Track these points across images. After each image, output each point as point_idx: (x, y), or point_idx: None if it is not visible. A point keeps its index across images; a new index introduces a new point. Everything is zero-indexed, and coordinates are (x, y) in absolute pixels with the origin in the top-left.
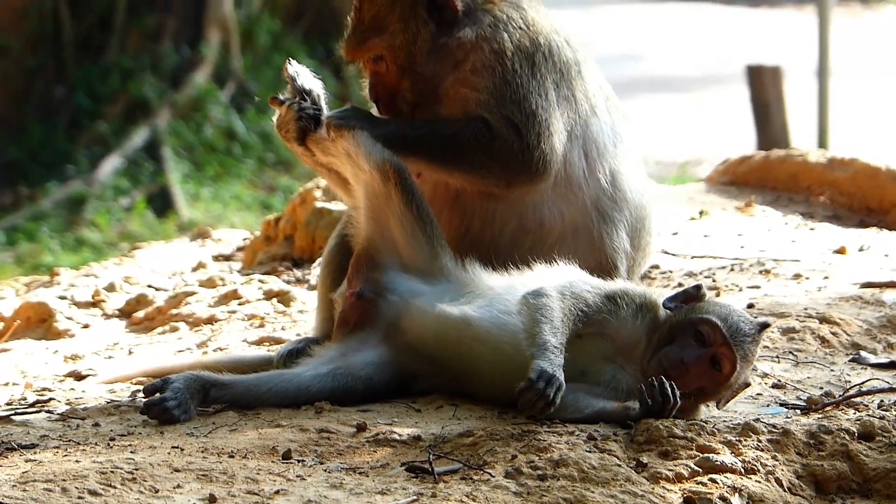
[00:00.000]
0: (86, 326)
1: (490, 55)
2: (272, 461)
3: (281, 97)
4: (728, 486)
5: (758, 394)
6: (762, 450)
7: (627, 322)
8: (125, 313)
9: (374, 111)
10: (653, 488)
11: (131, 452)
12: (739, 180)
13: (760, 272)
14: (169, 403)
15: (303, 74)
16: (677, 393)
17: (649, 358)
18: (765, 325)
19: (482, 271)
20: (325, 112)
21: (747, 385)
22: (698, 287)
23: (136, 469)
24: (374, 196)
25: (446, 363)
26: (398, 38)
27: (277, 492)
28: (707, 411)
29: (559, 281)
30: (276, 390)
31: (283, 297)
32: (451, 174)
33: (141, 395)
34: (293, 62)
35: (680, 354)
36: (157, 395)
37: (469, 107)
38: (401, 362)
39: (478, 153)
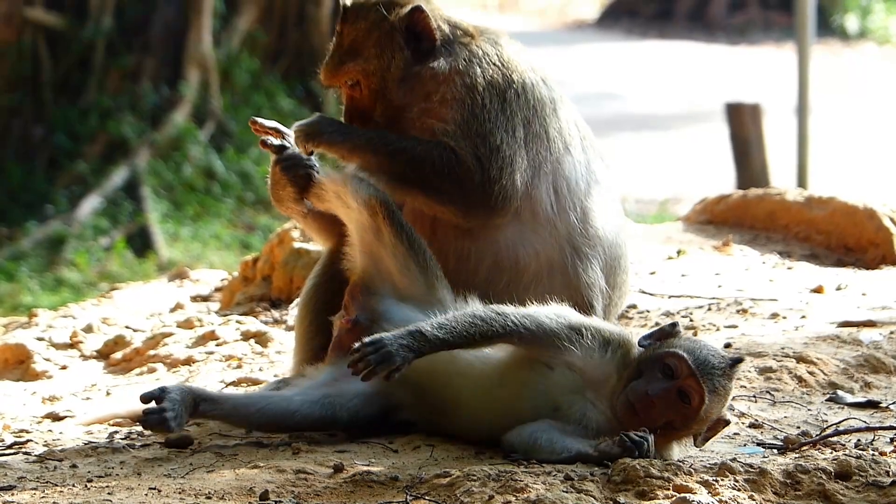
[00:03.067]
0: (64, 368)
1: (461, 88)
2: (249, 502)
3: (276, 142)
4: None
5: (735, 433)
6: (739, 489)
7: (594, 354)
8: (103, 354)
9: None
10: None
11: (108, 494)
12: (717, 219)
13: (738, 311)
14: (167, 414)
15: (280, 127)
16: (649, 439)
17: (618, 394)
18: (737, 361)
19: (479, 304)
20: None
21: (726, 423)
22: (674, 325)
23: None
24: (364, 231)
25: (431, 395)
26: (373, 64)
27: None
28: (682, 451)
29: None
30: (264, 412)
31: (261, 338)
32: (412, 193)
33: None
34: (259, 119)
35: (645, 388)
36: (155, 403)
37: (435, 137)
38: (387, 392)
39: (441, 177)
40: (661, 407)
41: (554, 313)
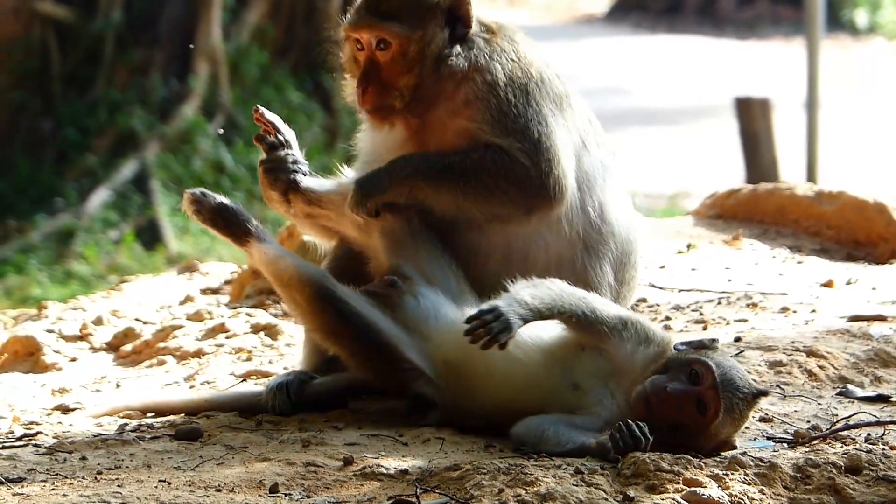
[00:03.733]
0: (73, 360)
1: (483, 86)
2: (259, 495)
3: (270, 138)
4: None
5: (745, 427)
6: (749, 483)
7: (630, 346)
8: (113, 347)
9: (349, 92)
10: None
11: (118, 486)
12: (727, 213)
13: (748, 305)
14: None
15: (279, 123)
16: (647, 433)
17: (639, 383)
18: (762, 393)
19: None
20: (304, 165)
21: (732, 448)
22: (714, 340)
23: (124, 502)
24: (395, 236)
25: (457, 364)
26: (416, 32)
27: None
28: None
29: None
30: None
31: (271, 331)
32: (472, 204)
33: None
34: (263, 109)
35: (666, 384)
36: None
37: (467, 138)
38: (419, 347)
39: (499, 179)
40: (675, 407)
41: (604, 302)
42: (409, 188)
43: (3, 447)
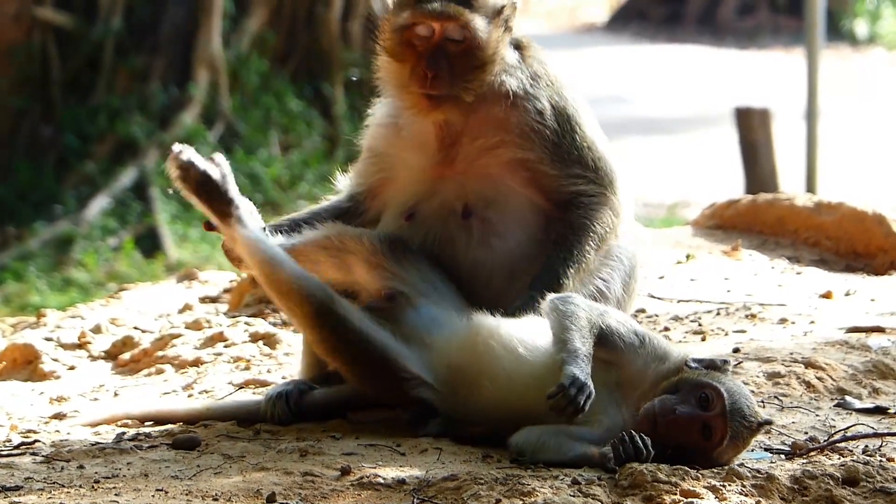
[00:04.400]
0: (72, 368)
1: (535, 116)
2: None
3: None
4: None
5: None
6: (746, 495)
7: (639, 361)
8: (111, 355)
9: (390, 72)
10: None
11: (116, 495)
12: (726, 224)
13: (746, 316)
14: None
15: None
16: (649, 445)
17: (649, 399)
18: (767, 423)
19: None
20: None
21: None
22: (725, 362)
23: None
24: (380, 264)
25: (461, 371)
26: (492, 31)
27: None
28: None
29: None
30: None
31: (269, 340)
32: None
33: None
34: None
35: (675, 405)
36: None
37: (523, 169)
38: (421, 358)
39: (605, 225)
40: (681, 430)
41: (623, 317)
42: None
43: (1, 455)
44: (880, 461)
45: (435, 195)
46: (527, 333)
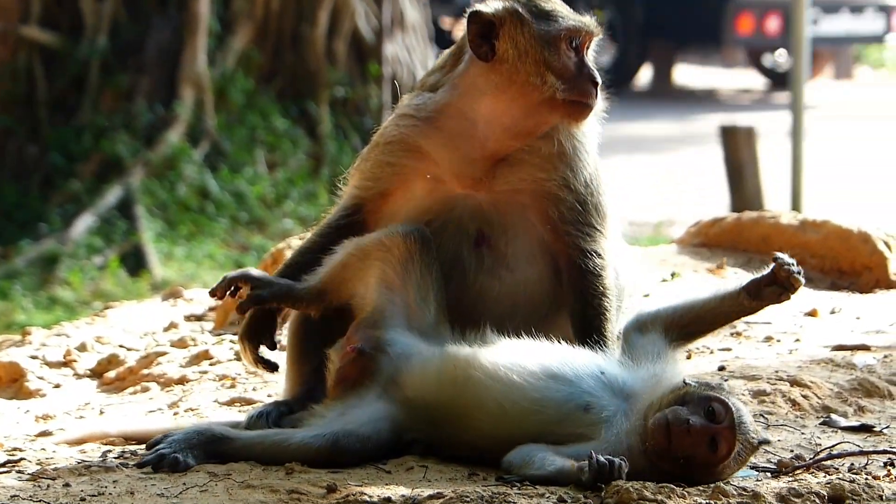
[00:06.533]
0: (57, 386)
1: (582, 153)
2: None
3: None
4: None
5: None
6: None
7: (654, 370)
8: (96, 373)
9: (550, 85)
10: None
11: None
12: (711, 242)
13: (731, 334)
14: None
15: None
16: (623, 461)
17: (656, 411)
18: (765, 441)
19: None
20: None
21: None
22: (720, 384)
23: None
24: (392, 266)
25: (443, 408)
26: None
27: None
28: None
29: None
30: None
31: None
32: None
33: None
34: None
35: (688, 416)
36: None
37: (545, 197)
38: (395, 417)
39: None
40: (691, 441)
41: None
42: None
43: None
44: (866, 479)
45: (451, 212)
46: (514, 359)
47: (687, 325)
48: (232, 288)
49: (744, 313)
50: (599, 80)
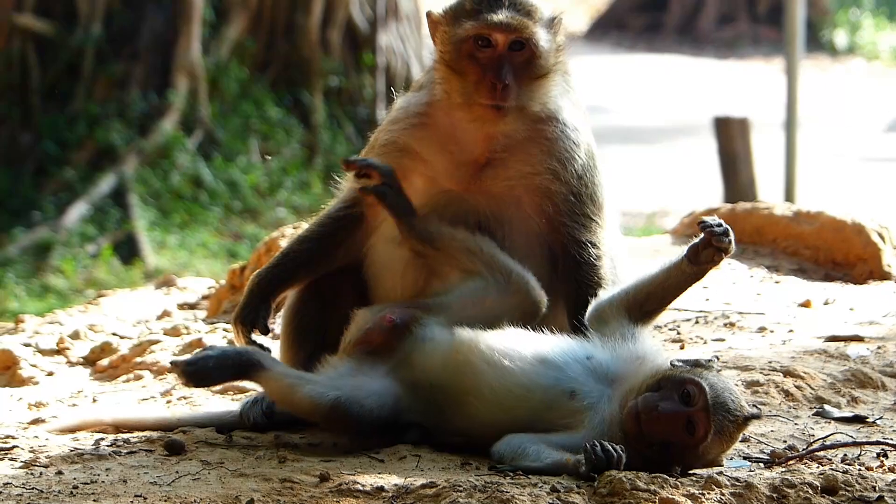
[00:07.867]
0: (50, 374)
1: (574, 146)
2: None
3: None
4: None
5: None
6: (725, 503)
7: (637, 351)
8: (90, 361)
9: (450, 87)
10: None
11: (94, 501)
12: None
13: (725, 325)
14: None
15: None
16: (619, 450)
17: (634, 397)
18: (753, 416)
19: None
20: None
21: (718, 465)
22: (710, 360)
23: None
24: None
25: (443, 391)
26: (551, 44)
27: None
28: None
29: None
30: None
31: None
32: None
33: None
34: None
35: (657, 402)
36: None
37: (545, 196)
38: (399, 397)
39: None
40: (665, 426)
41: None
42: None
43: None
44: (859, 470)
45: (449, 207)
46: (510, 345)
47: (643, 303)
48: (364, 173)
49: (691, 280)
50: (504, 80)
